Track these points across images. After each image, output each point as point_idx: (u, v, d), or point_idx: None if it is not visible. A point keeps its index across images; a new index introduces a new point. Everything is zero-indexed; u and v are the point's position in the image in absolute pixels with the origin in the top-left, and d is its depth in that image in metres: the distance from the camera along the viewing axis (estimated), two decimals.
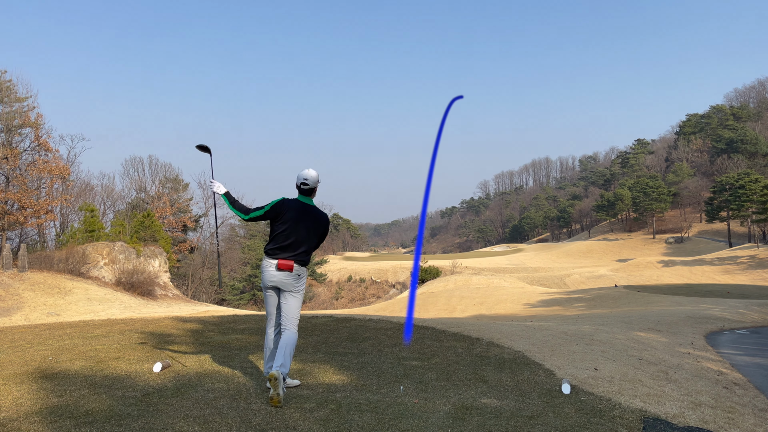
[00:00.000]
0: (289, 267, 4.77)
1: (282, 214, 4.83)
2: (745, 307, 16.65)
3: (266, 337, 5.05)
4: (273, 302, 4.98)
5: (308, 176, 4.93)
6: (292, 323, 4.89)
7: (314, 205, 4.99)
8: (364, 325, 9.18)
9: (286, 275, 4.80)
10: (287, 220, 4.82)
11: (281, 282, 4.82)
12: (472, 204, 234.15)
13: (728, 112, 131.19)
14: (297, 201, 4.94)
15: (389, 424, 4.04)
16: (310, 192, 4.97)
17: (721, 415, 4.72)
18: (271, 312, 5.02)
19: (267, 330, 5.06)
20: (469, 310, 29.54)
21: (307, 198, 4.97)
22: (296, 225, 4.82)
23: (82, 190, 38.92)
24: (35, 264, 22.07)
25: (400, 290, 78.04)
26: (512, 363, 6.30)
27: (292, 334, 4.86)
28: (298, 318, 4.95)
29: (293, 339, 4.86)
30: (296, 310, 4.91)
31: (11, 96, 30.22)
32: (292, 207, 4.87)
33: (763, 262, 63.73)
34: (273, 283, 4.84)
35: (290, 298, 4.88)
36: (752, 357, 8.35)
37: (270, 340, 5.01)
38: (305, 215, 4.87)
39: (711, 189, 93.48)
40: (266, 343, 5.04)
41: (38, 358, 6.28)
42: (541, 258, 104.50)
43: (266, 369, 5.02)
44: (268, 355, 4.99)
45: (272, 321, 5.03)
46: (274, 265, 4.78)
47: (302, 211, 4.87)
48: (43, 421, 3.99)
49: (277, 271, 4.78)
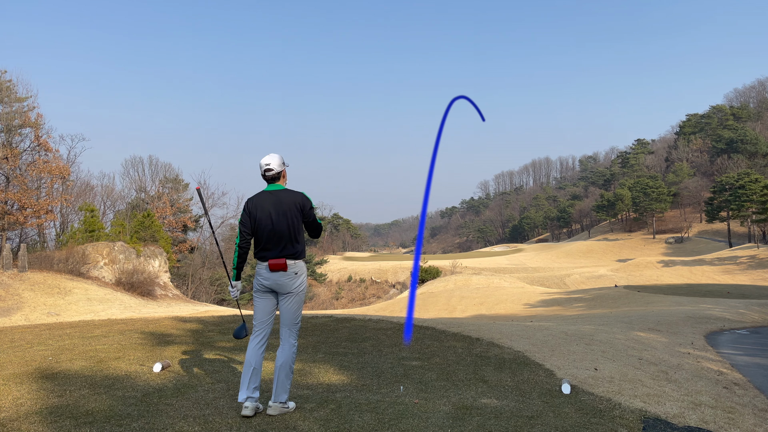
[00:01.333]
0: (281, 266, 4.30)
1: (253, 214, 4.38)
2: (745, 307, 16.64)
3: (248, 350, 4.34)
4: (264, 308, 4.41)
5: (270, 161, 4.42)
6: (291, 332, 4.39)
7: (284, 189, 4.46)
8: (364, 325, 9.18)
9: (281, 275, 4.33)
10: (260, 218, 4.35)
11: (277, 284, 4.34)
12: (472, 204, 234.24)
13: (728, 112, 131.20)
14: (262, 193, 4.46)
15: (389, 424, 4.04)
16: (276, 178, 4.47)
17: (721, 415, 4.72)
18: (260, 320, 4.41)
19: (250, 342, 4.38)
20: (469, 310, 29.54)
21: (275, 185, 4.47)
22: (269, 218, 4.34)
23: (82, 190, 38.92)
24: (35, 264, 22.06)
25: (400, 290, 78.04)
26: (512, 363, 6.30)
27: (290, 351, 4.33)
28: (299, 324, 4.44)
29: (290, 357, 4.31)
30: (296, 314, 4.41)
31: (11, 96, 30.22)
32: (259, 202, 4.40)
33: (763, 262, 63.73)
34: (267, 285, 4.36)
35: (290, 300, 4.37)
36: (752, 357, 8.35)
37: (252, 356, 4.29)
38: (275, 203, 4.36)
39: (711, 189, 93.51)
40: (247, 358, 4.29)
41: (38, 358, 6.28)
42: (541, 258, 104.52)
43: (245, 392, 4.19)
44: (250, 375, 4.22)
45: (260, 332, 4.39)
46: (265, 267, 4.35)
47: (270, 201, 4.38)
48: (43, 421, 3.99)
49: (270, 273, 4.33)
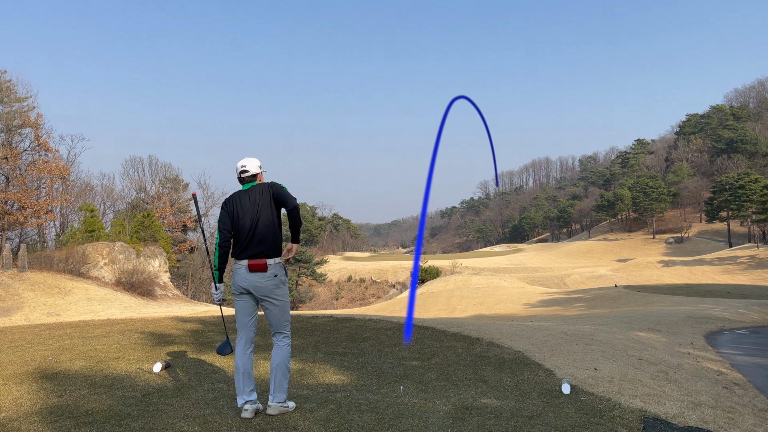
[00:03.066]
0: (261, 266, 4.14)
1: (231, 212, 4.28)
2: (745, 307, 16.64)
3: (236, 355, 4.24)
4: (244, 310, 4.26)
5: (245, 163, 4.38)
6: (282, 331, 4.29)
7: (257, 183, 4.38)
8: (364, 325, 9.18)
9: (260, 277, 4.15)
10: (238, 216, 4.24)
11: (256, 286, 4.16)
12: (472, 204, 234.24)
13: (728, 112, 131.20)
14: (239, 192, 4.37)
15: (389, 424, 4.04)
16: (252, 179, 4.40)
17: (721, 415, 4.72)
18: (243, 323, 4.28)
19: (236, 347, 4.28)
20: (469, 310, 29.53)
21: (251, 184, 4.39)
22: (246, 213, 4.23)
23: (82, 190, 38.93)
24: (35, 264, 22.07)
25: (400, 290, 78.05)
26: (512, 363, 6.30)
27: (284, 351, 4.25)
28: (289, 321, 4.32)
29: (286, 357, 4.24)
30: (284, 317, 4.28)
31: (11, 96, 30.23)
32: (236, 200, 4.31)
33: (763, 262, 63.73)
34: (245, 287, 4.19)
35: (274, 309, 4.23)
36: (752, 357, 8.35)
37: (241, 360, 4.21)
38: (253, 199, 4.25)
39: (711, 189, 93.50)
40: (236, 363, 4.21)
41: (38, 358, 6.28)
42: (541, 258, 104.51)
43: (242, 397, 4.17)
44: (243, 380, 4.17)
45: (243, 335, 4.28)
46: (244, 267, 4.18)
47: (247, 198, 4.27)
48: (43, 421, 3.99)
49: (249, 274, 4.16)
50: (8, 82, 30.27)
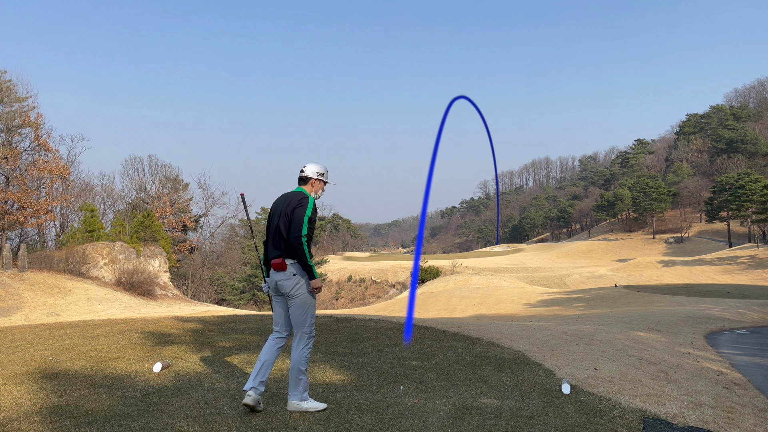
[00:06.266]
0: (280, 266, 4.33)
1: (269, 213, 4.58)
2: (745, 307, 16.64)
3: (264, 345, 4.55)
4: (277, 310, 4.54)
5: (306, 165, 4.61)
6: (301, 337, 4.42)
7: (297, 191, 4.56)
8: (364, 325, 9.18)
9: (281, 275, 4.36)
10: (270, 216, 4.52)
11: (279, 284, 4.38)
12: (472, 204, 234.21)
13: (728, 112, 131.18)
14: (285, 193, 4.58)
15: (389, 424, 4.04)
16: (303, 181, 4.59)
17: (721, 415, 4.72)
18: (276, 321, 4.56)
19: (268, 340, 4.59)
20: (469, 310, 29.53)
21: (298, 188, 4.59)
22: (273, 216, 4.45)
23: (82, 190, 38.91)
24: (35, 264, 22.07)
25: (400, 290, 78.02)
26: (512, 363, 6.30)
27: (298, 355, 4.38)
28: (309, 323, 4.42)
29: (299, 360, 4.37)
30: (303, 318, 4.40)
31: (11, 96, 30.22)
32: (276, 201, 4.55)
33: (763, 262, 63.73)
34: (273, 287, 4.48)
35: (292, 305, 4.40)
36: (752, 357, 8.35)
37: (266, 351, 4.45)
38: (283, 202, 4.44)
39: (711, 189, 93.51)
40: (261, 352, 4.50)
41: (38, 358, 6.28)
42: (541, 258, 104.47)
43: (250, 382, 4.31)
44: (259, 368, 4.36)
45: (276, 329, 4.57)
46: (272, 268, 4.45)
47: (282, 200, 4.48)
48: (43, 421, 3.99)
49: (274, 273, 4.40)
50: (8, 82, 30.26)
